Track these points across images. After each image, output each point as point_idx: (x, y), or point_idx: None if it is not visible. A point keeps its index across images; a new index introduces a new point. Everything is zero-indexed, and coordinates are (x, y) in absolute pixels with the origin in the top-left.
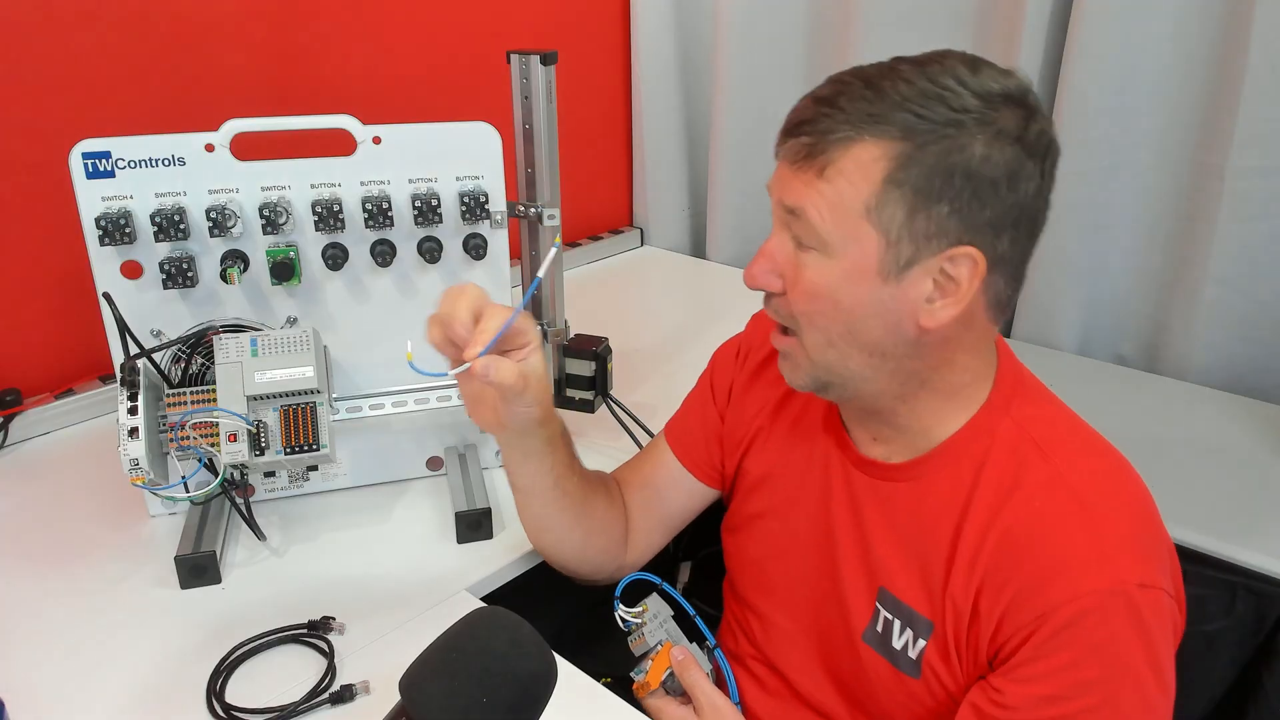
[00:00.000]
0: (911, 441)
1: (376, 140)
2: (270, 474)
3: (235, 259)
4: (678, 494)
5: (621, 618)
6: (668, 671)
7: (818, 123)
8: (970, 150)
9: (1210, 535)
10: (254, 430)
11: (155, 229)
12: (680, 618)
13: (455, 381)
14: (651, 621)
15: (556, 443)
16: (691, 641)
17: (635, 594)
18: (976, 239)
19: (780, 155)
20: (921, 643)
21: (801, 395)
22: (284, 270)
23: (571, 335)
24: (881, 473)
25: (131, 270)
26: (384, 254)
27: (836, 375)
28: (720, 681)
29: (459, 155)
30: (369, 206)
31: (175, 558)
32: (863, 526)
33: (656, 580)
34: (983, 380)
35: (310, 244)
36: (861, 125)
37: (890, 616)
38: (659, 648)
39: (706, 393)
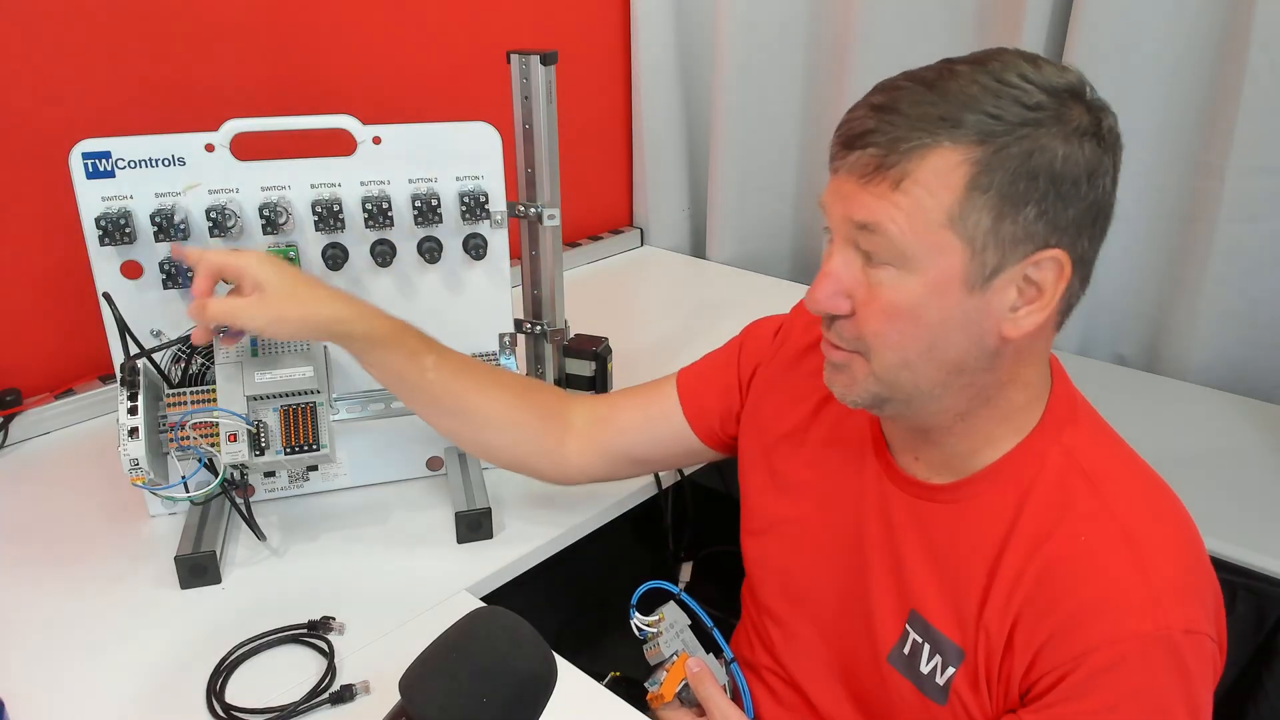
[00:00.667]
0: (956, 463)
1: (376, 140)
2: (270, 474)
3: None
4: (661, 434)
5: (637, 626)
6: (682, 683)
7: (883, 131)
8: (1052, 149)
9: (1210, 535)
10: (254, 430)
11: (155, 229)
12: (696, 627)
13: None
14: (668, 631)
15: (365, 348)
16: (708, 653)
17: (653, 602)
18: (1062, 240)
19: (842, 169)
20: (951, 670)
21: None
22: None
23: (571, 335)
24: (922, 492)
25: (131, 270)
26: (384, 254)
27: (903, 394)
28: (736, 695)
29: (459, 155)
30: (369, 206)
31: (175, 558)
32: (897, 545)
33: (675, 590)
34: (1038, 401)
35: (310, 244)
36: (935, 131)
37: (920, 640)
38: (674, 658)
39: (732, 361)
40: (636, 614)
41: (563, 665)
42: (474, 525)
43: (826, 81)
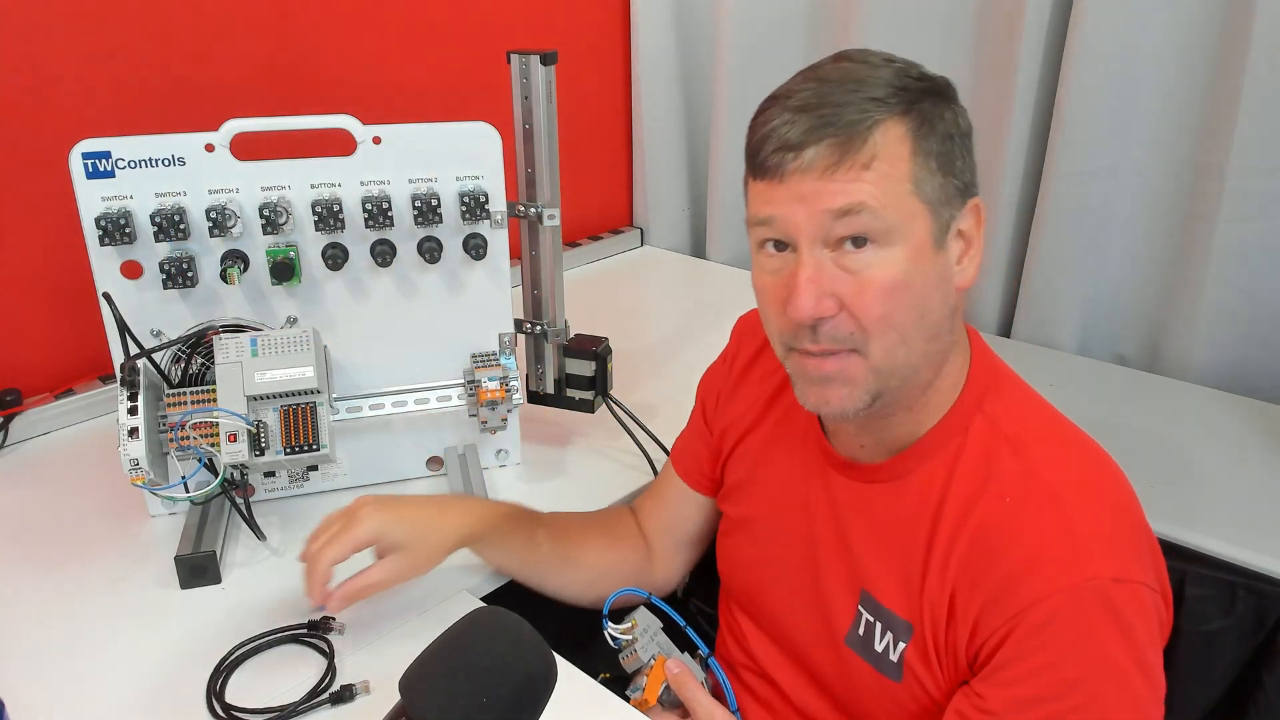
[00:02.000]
0: (892, 443)
1: (376, 140)
2: (270, 474)
3: (235, 259)
4: (689, 512)
5: (611, 636)
6: (664, 686)
7: (831, 121)
8: (951, 109)
9: (1210, 535)
10: (254, 430)
11: (155, 229)
12: (670, 629)
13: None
14: (642, 636)
15: (490, 545)
16: (684, 652)
17: (625, 611)
18: (976, 189)
19: (794, 172)
20: (901, 645)
21: (785, 398)
22: (284, 270)
23: (571, 335)
24: (859, 474)
25: (131, 270)
26: (384, 254)
27: (898, 377)
28: (718, 692)
29: (459, 155)
30: (369, 206)
31: (175, 558)
32: (844, 529)
33: (644, 594)
34: (965, 368)
35: (310, 244)
36: (873, 110)
37: (872, 619)
38: (652, 662)
39: (698, 408)
40: (609, 624)
41: (563, 665)
42: None
43: None
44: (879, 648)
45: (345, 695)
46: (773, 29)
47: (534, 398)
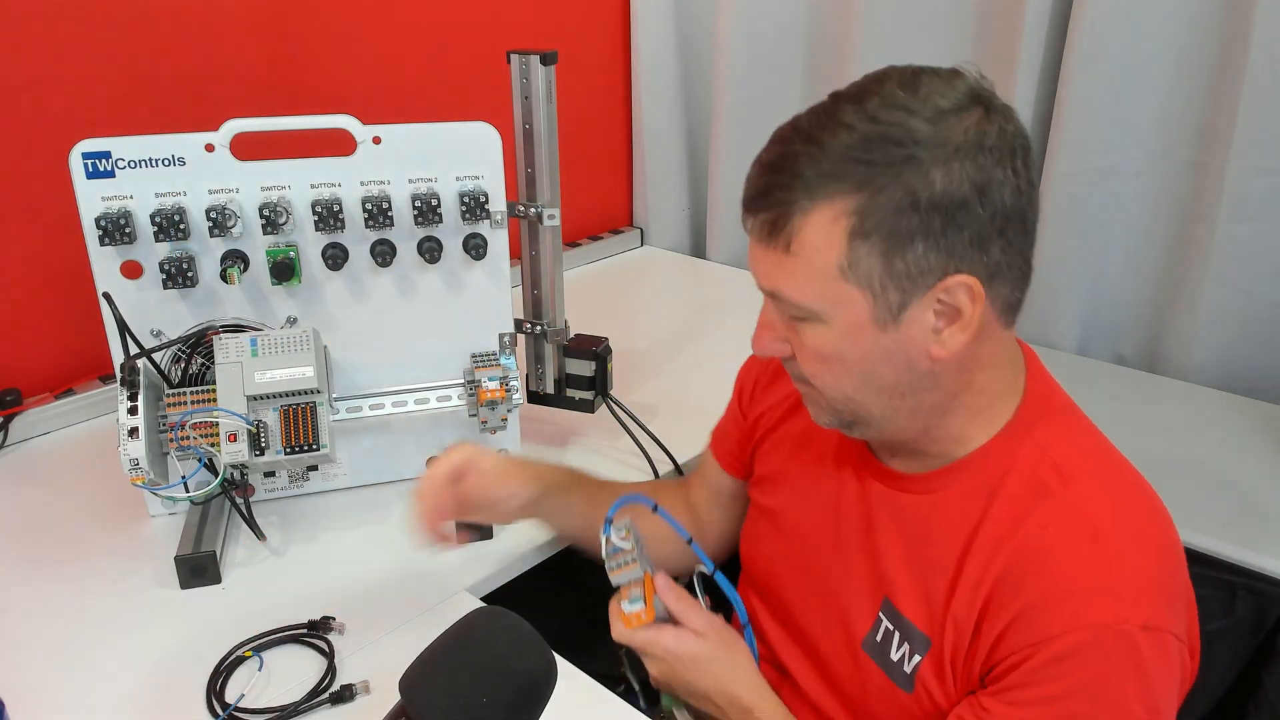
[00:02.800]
0: (928, 460)
1: (376, 140)
2: (270, 474)
3: (235, 259)
4: (724, 492)
5: (610, 541)
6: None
7: (771, 194)
8: (930, 179)
9: (1210, 535)
10: (254, 430)
11: (155, 229)
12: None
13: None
14: (638, 546)
15: (556, 494)
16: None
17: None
18: (963, 263)
19: (748, 230)
20: (917, 659)
21: None
22: (284, 270)
23: (571, 335)
24: (896, 482)
25: (131, 270)
26: (384, 254)
27: (860, 418)
28: (724, 612)
29: (459, 155)
30: (369, 206)
31: (175, 558)
32: (873, 534)
33: (650, 503)
34: (1007, 398)
35: (310, 244)
36: (814, 188)
37: (891, 628)
38: (642, 575)
39: (735, 396)
40: (611, 528)
41: (563, 665)
42: (474, 525)
43: (826, 81)
44: (894, 656)
45: (345, 695)
46: (773, 29)
47: (534, 398)
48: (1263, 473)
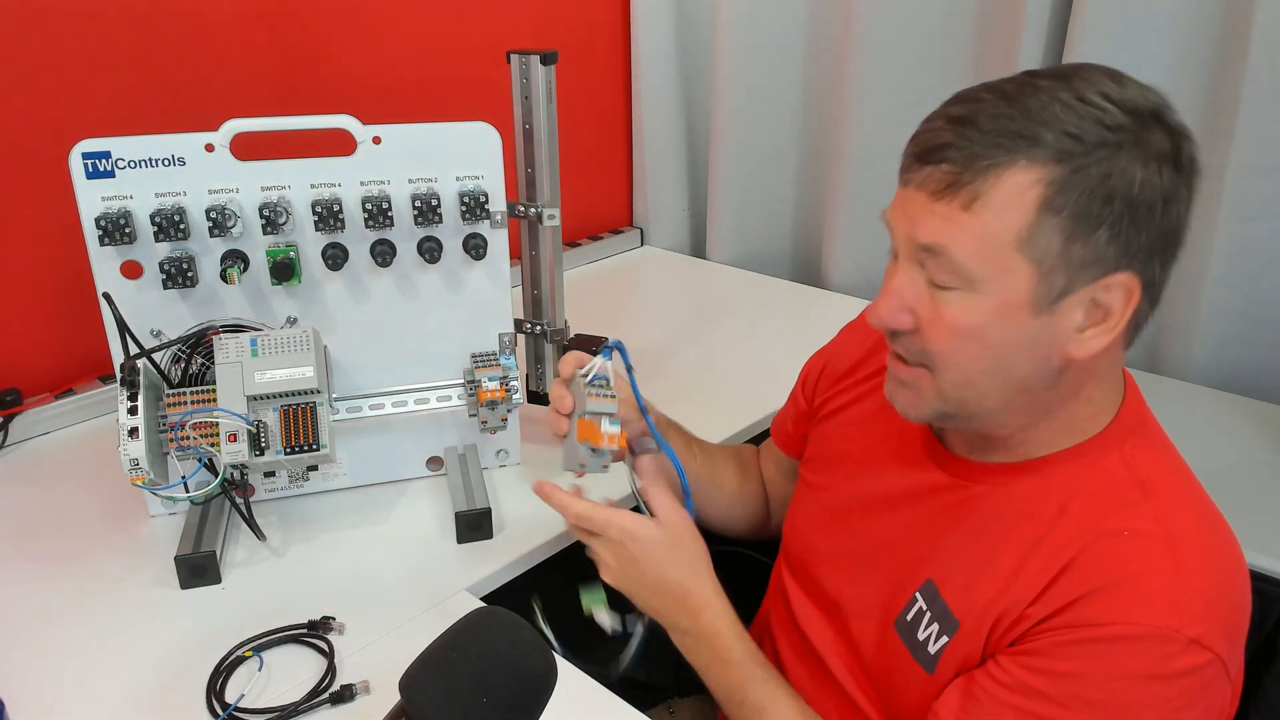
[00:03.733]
0: (1001, 453)
1: (376, 140)
2: (270, 474)
3: (235, 259)
4: (781, 469)
5: (603, 367)
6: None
7: (959, 147)
8: (1130, 172)
9: None
10: (254, 430)
11: (155, 229)
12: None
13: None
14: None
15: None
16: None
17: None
18: (1133, 265)
19: (913, 183)
20: (945, 639)
21: None
22: (284, 270)
23: (571, 335)
24: (964, 472)
25: (131, 270)
26: (384, 254)
27: (967, 410)
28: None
29: (459, 155)
30: (369, 206)
31: (175, 558)
32: (928, 519)
33: (614, 342)
34: (1102, 414)
35: (310, 244)
36: (1013, 148)
37: (925, 608)
38: (615, 411)
39: (798, 385)
40: (611, 355)
41: (563, 665)
42: (474, 525)
43: (826, 82)
44: (921, 636)
45: (345, 695)
46: (773, 29)
47: (534, 398)
48: (1263, 473)
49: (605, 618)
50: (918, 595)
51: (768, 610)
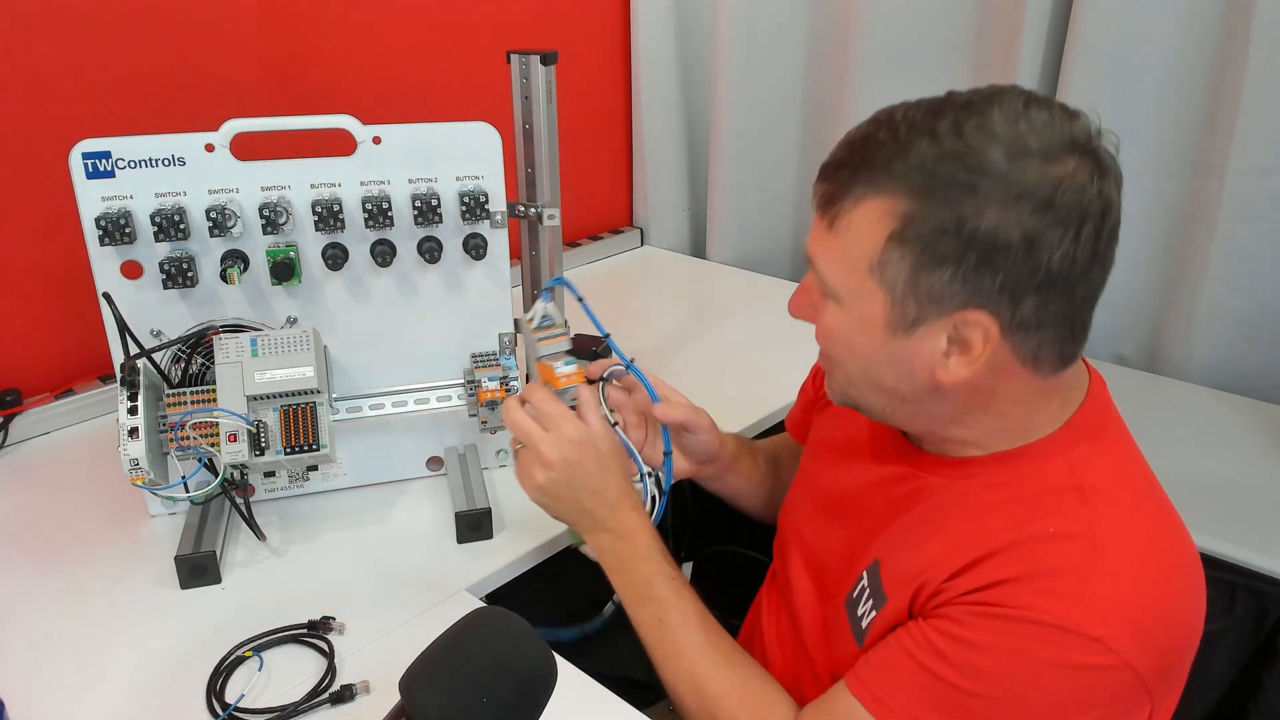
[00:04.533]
0: (943, 446)
1: (376, 140)
2: (270, 474)
3: (235, 259)
4: (795, 452)
5: (545, 308)
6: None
7: (840, 170)
8: (981, 215)
9: (1210, 535)
10: (254, 430)
11: (155, 229)
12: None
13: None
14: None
15: (730, 453)
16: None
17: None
18: (986, 305)
19: (814, 194)
20: (874, 614)
21: None
22: (284, 270)
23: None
24: (919, 462)
25: (131, 270)
26: (384, 254)
27: (861, 406)
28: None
29: (459, 155)
30: (369, 206)
31: (175, 558)
32: (886, 503)
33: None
34: (1041, 425)
35: (310, 244)
36: (876, 179)
37: (866, 586)
38: (568, 349)
39: (811, 372)
40: (549, 295)
41: (563, 665)
42: (474, 525)
43: (826, 82)
44: (859, 613)
45: (345, 695)
46: (772, 29)
47: None
48: (1263, 473)
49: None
50: (864, 574)
51: (762, 595)
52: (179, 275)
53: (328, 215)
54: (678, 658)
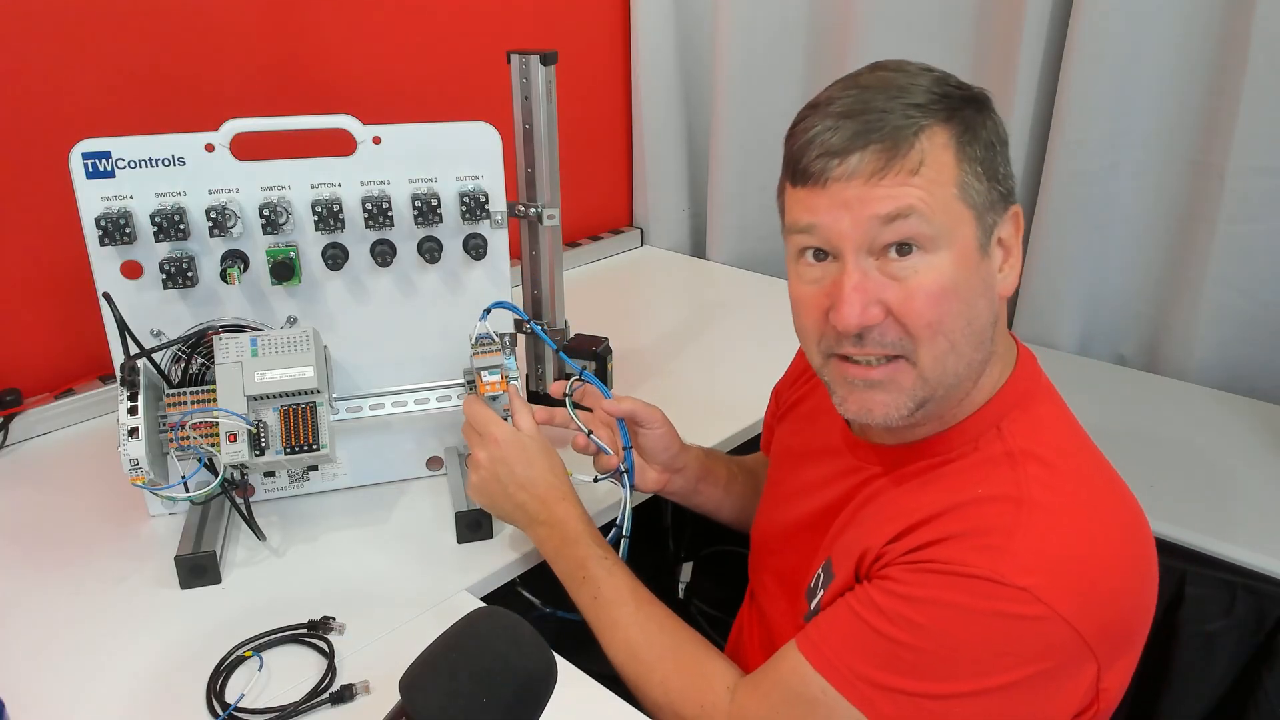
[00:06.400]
0: (904, 437)
1: (376, 140)
2: (270, 474)
3: (235, 259)
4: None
5: (483, 326)
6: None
7: (876, 128)
8: (990, 117)
9: (1210, 535)
10: (254, 430)
11: (155, 229)
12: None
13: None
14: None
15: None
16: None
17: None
18: (1014, 196)
19: (838, 179)
20: (823, 591)
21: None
22: (284, 270)
23: (571, 335)
24: (867, 455)
25: (131, 270)
26: (384, 254)
27: (944, 386)
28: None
29: (459, 155)
30: (369, 206)
31: (175, 558)
32: (840, 497)
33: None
34: (989, 386)
35: (310, 244)
36: (918, 116)
37: (820, 574)
38: (501, 364)
39: (776, 386)
40: (488, 316)
41: (563, 665)
42: (474, 525)
43: (826, 82)
44: (815, 598)
45: (345, 695)
46: (772, 29)
47: (534, 398)
48: (1263, 473)
49: None
50: (820, 568)
51: (742, 616)
52: (179, 275)
53: (328, 215)
54: (613, 628)
